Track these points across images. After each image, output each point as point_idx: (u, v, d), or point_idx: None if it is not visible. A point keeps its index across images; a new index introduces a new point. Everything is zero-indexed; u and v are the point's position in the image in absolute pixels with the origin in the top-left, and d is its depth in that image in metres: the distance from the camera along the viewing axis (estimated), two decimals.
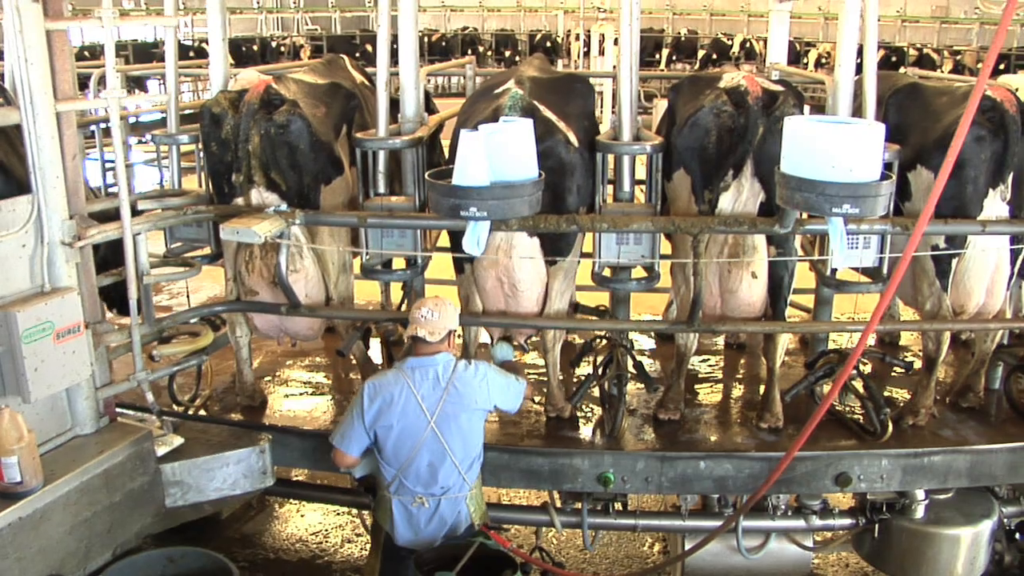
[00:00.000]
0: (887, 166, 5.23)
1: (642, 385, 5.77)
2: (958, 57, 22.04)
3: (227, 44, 5.81)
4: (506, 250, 5.14)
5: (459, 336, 5.35)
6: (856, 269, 5.51)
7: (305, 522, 7.28)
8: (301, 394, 6.19)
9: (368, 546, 6.89)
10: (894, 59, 22.98)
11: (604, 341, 5.87)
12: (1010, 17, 3.86)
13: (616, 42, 5.93)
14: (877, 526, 5.69)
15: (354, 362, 6.18)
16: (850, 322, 6.10)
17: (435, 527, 4.69)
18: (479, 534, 4.65)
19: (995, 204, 5.12)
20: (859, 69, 5.24)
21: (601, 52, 21.37)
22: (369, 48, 23.69)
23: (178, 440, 4.93)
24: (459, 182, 4.44)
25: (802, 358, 6.46)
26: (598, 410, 5.82)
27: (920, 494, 5.57)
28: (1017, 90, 5.28)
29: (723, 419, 5.85)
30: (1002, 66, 18.65)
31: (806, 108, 5.41)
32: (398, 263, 5.79)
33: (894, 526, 5.67)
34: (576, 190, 5.15)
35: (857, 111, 5.29)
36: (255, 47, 23.24)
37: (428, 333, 4.59)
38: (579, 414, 5.78)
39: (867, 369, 6.04)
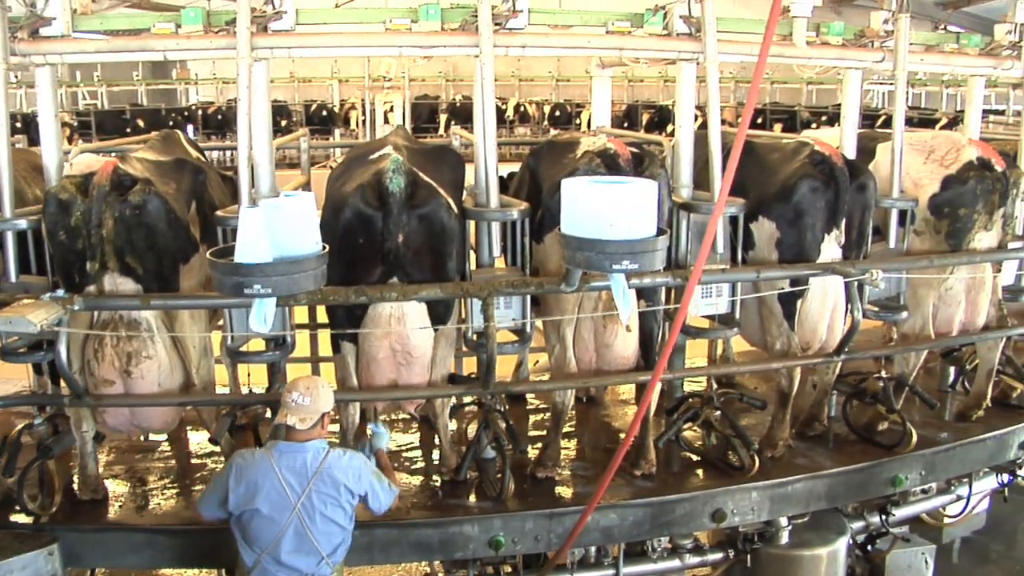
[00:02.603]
0: (732, 219, 5.67)
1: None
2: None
3: (59, 123, 5.48)
4: (399, 318, 5.11)
5: (335, 418, 5.24)
6: (711, 317, 5.88)
7: None
8: (159, 489, 5.79)
9: None
10: (656, 119, 24.58)
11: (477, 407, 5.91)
12: (760, 77, 4.35)
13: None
14: (749, 556, 6.02)
15: (218, 449, 5.87)
16: (642, 371, 6.23)
17: None
18: None
19: (831, 248, 5.64)
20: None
21: (386, 121, 21.54)
22: (141, 123, 22.69)
23: None
24: (241, 259, 4.35)
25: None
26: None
27: (784, 521, 5.95)
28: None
29: (596, 471, 5.99)
30: (760, 120, 20.50)
31: None
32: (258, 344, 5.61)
33: (762, 554, 6.03)
34: (455, 255, 5.20)
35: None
36: (17, 123, 21.61)
37: (299, 420, 4.48)
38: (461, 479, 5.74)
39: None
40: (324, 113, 27.41)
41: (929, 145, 6.24)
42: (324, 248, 4.59)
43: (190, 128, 23.65)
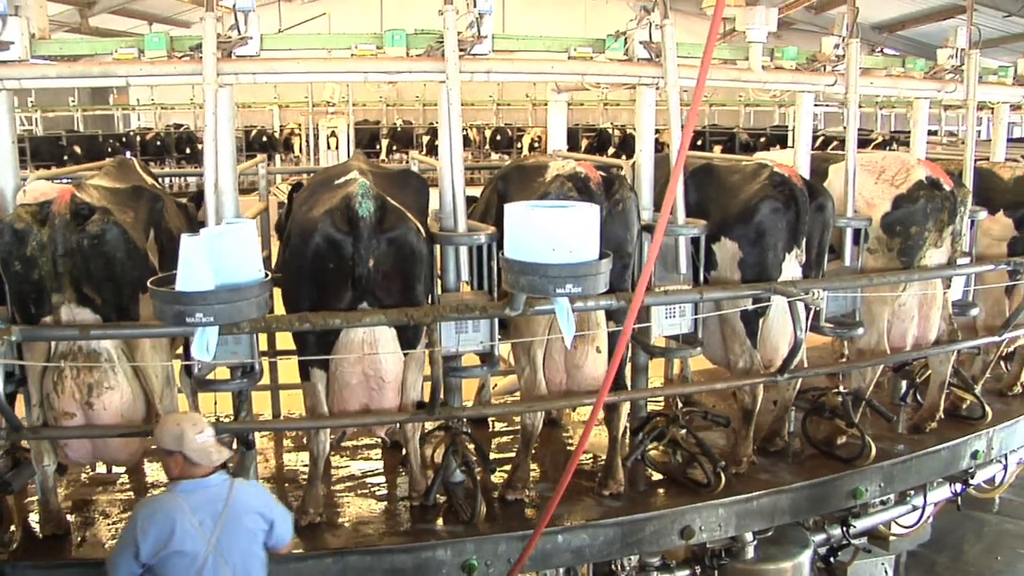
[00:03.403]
0: (695, 240, 5.78)
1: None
2: (657, 136, 24.20)
3: (16, 149, 5.38)
4: (371, 343, 5.10)
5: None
6: (674, 337, 5.96)
7: None
8: (123, 522, 5.65)
9: None
10: (596, 143, 24.81)
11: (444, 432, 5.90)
12: (699, 100, 4.46)
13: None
14: (716, 572, 6.09)
15: None
16: (586, 393, 6.18)
17: None
18: None
19: (792, 267, 5.78)
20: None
21: (329, 146, 21.48)
22: (78, 150, 22.23)
23: None
24: (183, 288, 4.29)
25: None
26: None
27: (749, 536, 6.04)
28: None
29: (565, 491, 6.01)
30: (700, 142, 20.88)
31: None
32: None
33: (729, 569, 6.10)
34: (423, 278, 5.20)
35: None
36: None
37: (218, 451, 4.43)
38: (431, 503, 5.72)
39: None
40: (264, 139, 27.23)
41: (880, 166, 6.43)
42: (267, 276, 4.55)
43: (128, 155, 23.28)
